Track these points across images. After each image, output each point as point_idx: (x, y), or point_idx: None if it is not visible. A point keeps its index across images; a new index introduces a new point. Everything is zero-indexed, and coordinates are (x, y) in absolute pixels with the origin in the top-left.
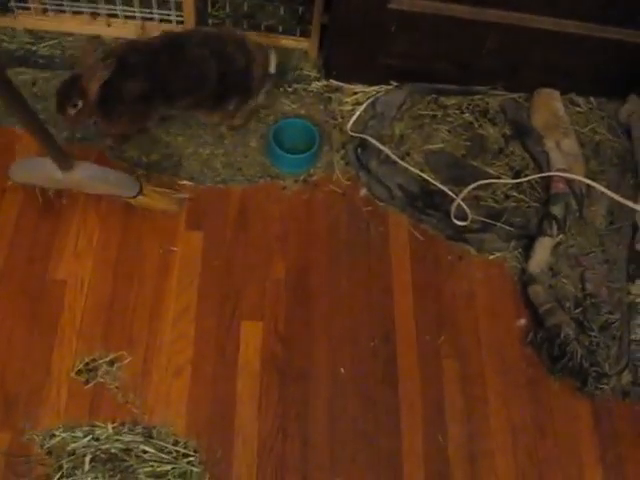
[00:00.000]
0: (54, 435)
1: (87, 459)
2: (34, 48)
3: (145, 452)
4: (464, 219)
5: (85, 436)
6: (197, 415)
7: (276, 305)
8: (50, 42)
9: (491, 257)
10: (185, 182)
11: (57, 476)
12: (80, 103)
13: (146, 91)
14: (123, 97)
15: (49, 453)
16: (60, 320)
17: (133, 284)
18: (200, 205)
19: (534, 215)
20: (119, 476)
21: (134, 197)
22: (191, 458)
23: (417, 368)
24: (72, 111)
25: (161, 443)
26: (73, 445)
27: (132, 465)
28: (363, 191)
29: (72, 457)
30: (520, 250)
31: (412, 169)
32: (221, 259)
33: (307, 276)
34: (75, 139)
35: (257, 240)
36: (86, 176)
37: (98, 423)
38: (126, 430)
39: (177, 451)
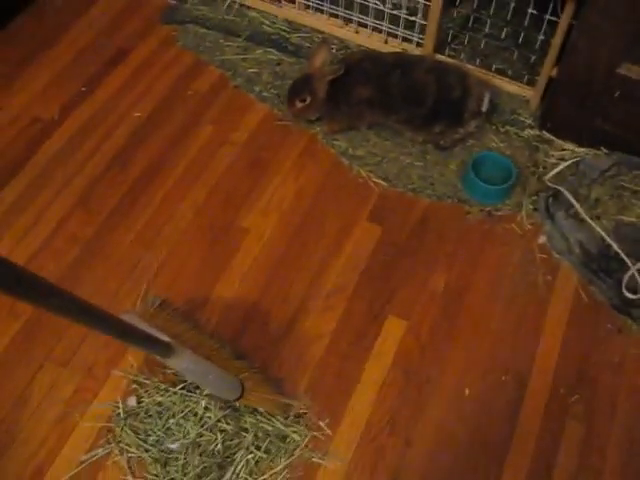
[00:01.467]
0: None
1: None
2: (288, 36)
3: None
4: (635, 292)
5: None
6: (319, 382)
7: (426, 312)
8: (302, 34)
9: None
10: (379, 181)
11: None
12: (308, 99)
13: (371, 98)
14: (350, 99)
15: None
16: (232, 260)
17: (305, 249)
18: (387, 204)
19: None
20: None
21: (234, 401)
22: (297, 421)
23: (540, 417)
24: (300, 105)
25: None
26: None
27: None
28: (542, 239)
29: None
30: None
31: (597, 229)
32: (389, 256)
33: (463, 296)
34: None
35: (427, 250)
36: (183, 368)
37: None
38: None
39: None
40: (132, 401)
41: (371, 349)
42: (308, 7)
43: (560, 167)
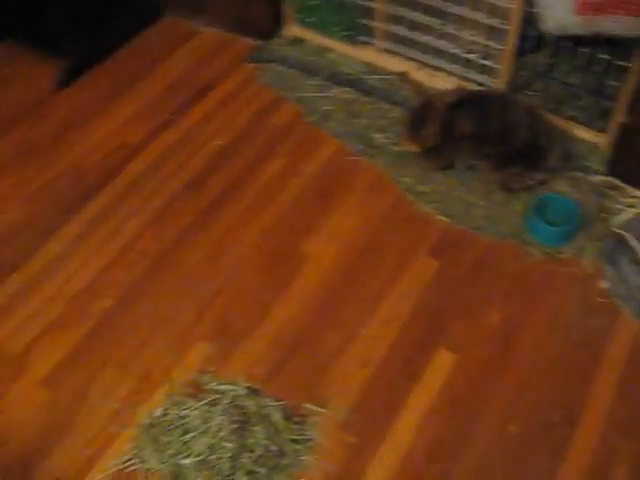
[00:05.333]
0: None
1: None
2: (364, 77)
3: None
4: None
5: None
6: (364, 405)
7: (477, 347)
8: (378, 76)
9: None
10: (443, 218)
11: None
12: (431, 127)
13: (471, 132)
14: (453, 133)
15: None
16: (292, 283)
17: (363, 278)
18: (448, 240)
19: None
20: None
21: None
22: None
23: (587, 460)
24: (424, 133)
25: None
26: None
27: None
28: (604, 284)
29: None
30: None
31: None
32: (444, 289)
33: (517, 334)
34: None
35: (484, 287)
36: None
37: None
38: None
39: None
40: (158, 411)
41: (419, 378)
42: (385, 50)
43: (627, 214)
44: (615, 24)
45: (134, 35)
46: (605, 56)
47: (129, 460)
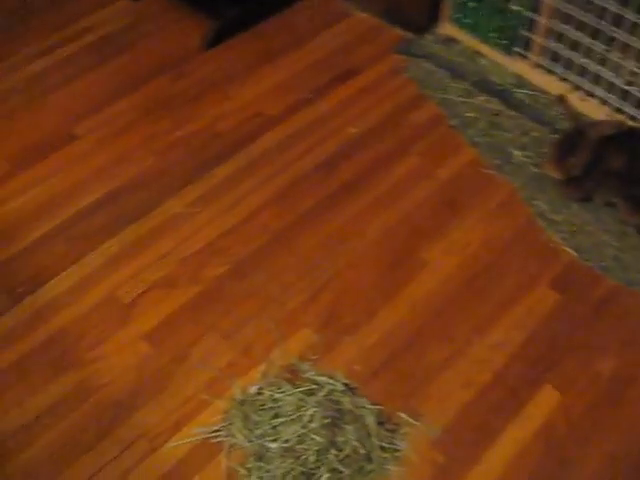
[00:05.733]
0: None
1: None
2: (512, 89)
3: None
4: None
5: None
6: (459, 427)
7: (585, 392)
8: (527, 90)
9: None
10: (571, 250)
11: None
12: (580, 154)
13: (620, 170)
14: (601, 166)
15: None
16: (405, 288)
17: (479, 297)
18: (572, 275)
19: None
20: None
21: None
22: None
23: None
24: (572, 160)
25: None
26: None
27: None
28: None
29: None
30: None
31: None
32: (561, 326)
33: (629, 386)
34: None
35: (602, 331)
36: None
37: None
38: None
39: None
40: (253, 389)
41: (519, 411)
42: (539, 66)
43: None
44: None
45: (286, 7)
46: None
47: (217, 431)
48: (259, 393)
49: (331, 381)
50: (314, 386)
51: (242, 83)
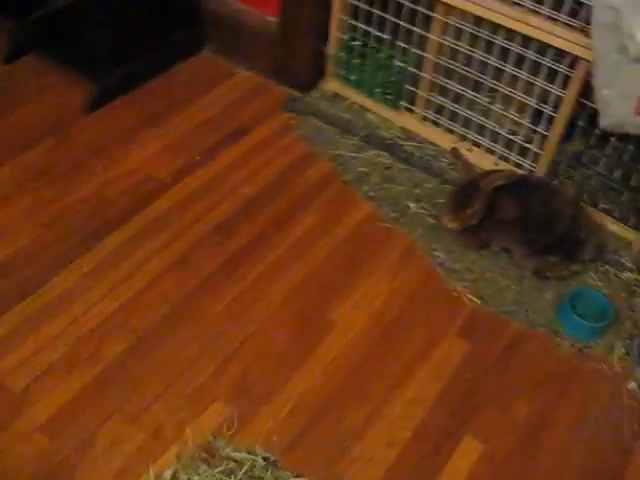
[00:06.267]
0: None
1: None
2: (401, 142)
3: None
4: None
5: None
6: None
7: (504, 438)
8: (415, 143)
9: None
10: (474, 298)
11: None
12: (477, 206)
13: (515, 219)
14: (495, 216)
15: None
16: (316, 350)
17: (390, 353)
18: (478, 322)
19: None
20: None
21: None
22: None
23: None
24: (469, 211)
25: None
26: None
27: None
28: (632, 385)
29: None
30: None
31: None
32: (473, 375)
33: (544, 429)
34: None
35: (513, 376)
36: None
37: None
38: None
39: None
40: (168, 474)
41: (444, 466)
42: (425, 118)
43: None
44: None
45: (169, 67)
46: None
47: None
48: (174, 477)
49: (250, 456)
50: (233, 464)
51: (129, 147)
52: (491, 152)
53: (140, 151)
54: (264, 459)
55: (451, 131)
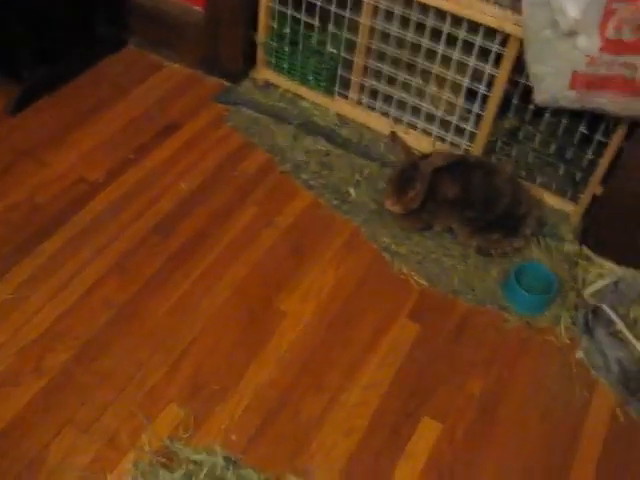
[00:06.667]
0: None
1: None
2: (337, 129)
3: None
4: None
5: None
6: (350, 477)
7: (461, 416)
8: (351, 129)
9: None
10: (420, 280)
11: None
12: (418, 188)
13: (455, 198)
14: (436, 196)
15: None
16: (267, 343)
17: (342, 341)
18: (426, 304)
19: None
20: None
21: None
22: None
23: None
24: (411, 194)
25: None
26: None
27: None
28: (580, 354)
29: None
30: None
31: (638, 349)
32: (426, 356)
33: (499, 403)
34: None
35: (464, 354)
36: None
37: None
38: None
39: None
40: None
41: (404, 448)
42: (360, 103)
43: (598, 285)
44: (608, 101)
45: (94, 63)
46: (584, 129)
47: None
48: None
49: (210, 457)
50: (193, 466)
51: (57, 148)
52: (427, 134)
53: (70, 152)
54: (224, 459)
55: (386, 115)
